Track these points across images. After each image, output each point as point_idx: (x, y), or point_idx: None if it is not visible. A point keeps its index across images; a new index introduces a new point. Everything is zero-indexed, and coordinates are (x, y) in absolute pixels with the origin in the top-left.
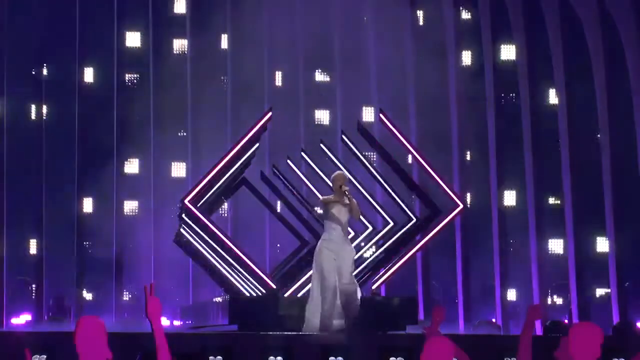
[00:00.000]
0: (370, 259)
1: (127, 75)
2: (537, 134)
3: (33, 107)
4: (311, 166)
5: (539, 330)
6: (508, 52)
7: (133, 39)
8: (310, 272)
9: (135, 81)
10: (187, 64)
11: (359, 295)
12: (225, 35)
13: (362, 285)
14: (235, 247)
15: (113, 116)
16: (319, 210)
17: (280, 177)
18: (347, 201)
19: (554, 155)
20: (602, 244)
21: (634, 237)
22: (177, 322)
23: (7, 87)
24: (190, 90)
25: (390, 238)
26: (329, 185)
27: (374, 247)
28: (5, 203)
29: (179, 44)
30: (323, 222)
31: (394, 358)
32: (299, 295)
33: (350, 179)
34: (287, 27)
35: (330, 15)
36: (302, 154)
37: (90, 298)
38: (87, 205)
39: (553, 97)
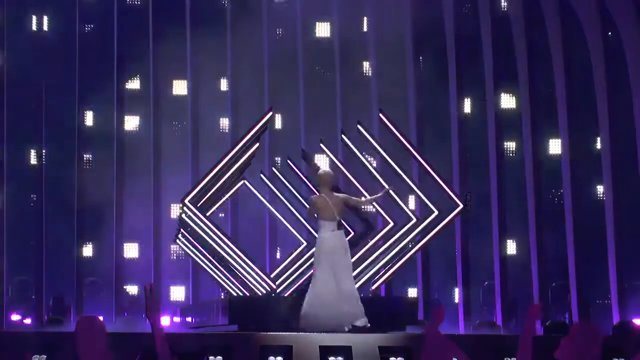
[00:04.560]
0: (370, 259)
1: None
2: (537, 133)
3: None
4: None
5: (539, 330)
6: (508, 52)
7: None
8: (311, 272)
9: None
10: (187, 64)
11: (359, 303)
12: (226, 35)
13: (362, 285)
14: (235, 247)
15: (113, 115)
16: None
17: (280, 177)
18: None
19: (553, 153)
20: (602, 244)
21: (634, 237)
22: (176, 321)
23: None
24: (190, 89)
25: (390, 238)
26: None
27: (373, 247)
28: (5, 202)
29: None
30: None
31: (394, 358)
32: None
33: (351, 179)
34: (287, 27)
35: (331, 14)
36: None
37: (90, 298)
38: (87, 205)
39: (553, 97)
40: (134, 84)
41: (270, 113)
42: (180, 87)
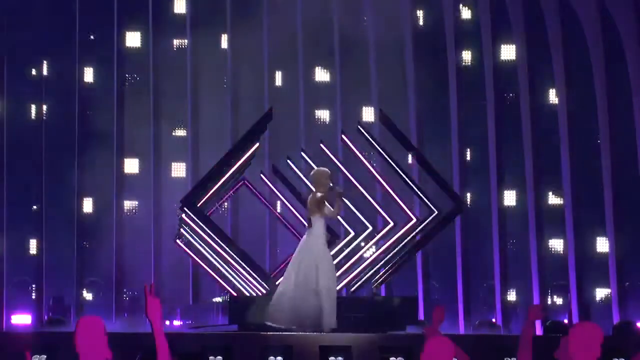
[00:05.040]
0: (370, 259)
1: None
2: (537, 133)
3: (33, 107)
4: (311, 166)
5: (539, 330)
6: (508, 52)
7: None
8: None
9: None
10: (187, 63)
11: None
12: (225, 35)
13: (362, 285)
14: (235, 247)
15: (113, 115)
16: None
17: (280, 177)
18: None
19: (554, 155)
20: (602, 244)
21: (634, 237)
22: (177, 322)
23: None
24: (190, 89)
25: (390, 238)
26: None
27: (374, 247)
28: (5, 202)
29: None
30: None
31: (394, 358)
32: None
33: (351, 179)
34: (287, 27)
35: (331, 14)
36: (302, 154)
37: (91, 298)
38: (87, 205)
39: (553, 97)
40: (134, 83)
41: (270, 113)
42: (179, 86)
